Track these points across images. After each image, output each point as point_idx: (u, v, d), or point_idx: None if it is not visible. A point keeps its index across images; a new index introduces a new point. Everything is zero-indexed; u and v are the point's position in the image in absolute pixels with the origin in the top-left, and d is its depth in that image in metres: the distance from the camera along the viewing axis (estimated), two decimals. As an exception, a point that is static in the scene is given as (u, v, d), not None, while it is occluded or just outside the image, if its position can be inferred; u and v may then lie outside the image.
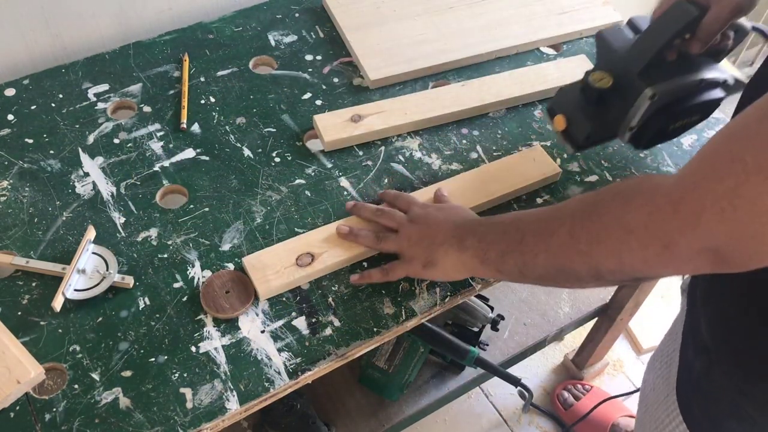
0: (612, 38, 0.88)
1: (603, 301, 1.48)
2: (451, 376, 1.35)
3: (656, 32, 0.82)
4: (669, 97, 0.83)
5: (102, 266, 0.83)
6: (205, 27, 1.15)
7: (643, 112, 0.83)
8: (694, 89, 0.86)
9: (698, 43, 0.82)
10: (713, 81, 0.86)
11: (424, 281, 0.86)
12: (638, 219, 0.59)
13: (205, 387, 0.76)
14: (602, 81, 0.84)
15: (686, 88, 0.85)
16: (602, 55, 0.90)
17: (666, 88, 0.82)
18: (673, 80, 0.83)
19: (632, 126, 0.85)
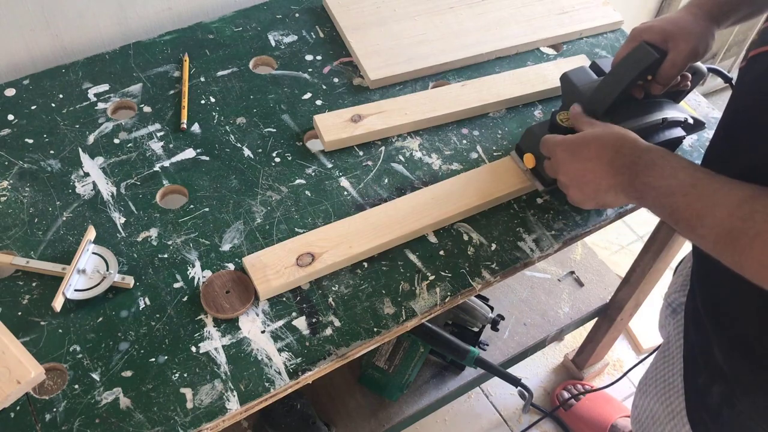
0: (576, 79, 0.92)
1: (603, 301, 1.48)
2: (451, 376, 1.35)
3: (619, 74, 0.85)
4: None
5: (102, 266, 0.83)
6: (205, 27, 1.15)
7: None
8: (657, 128, 0.90)
9: (658, 85, 0.86)
10: (674, 120, 0.90)
11: (424, 281, 0.86)
12: None
13: (206, 387, 0.76)
14: (569, 120, 0.88)
15: (649, 127, 0.88)
16: (568, 96, 0.93)
17: (629, 127, 0.82)
18: (636, 120, 0.87)
19: None
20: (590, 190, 0.78)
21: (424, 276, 0.87)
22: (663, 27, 0.85)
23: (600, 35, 1.21)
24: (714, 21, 0.85)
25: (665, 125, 0.90)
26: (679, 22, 0.85)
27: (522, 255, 0.90)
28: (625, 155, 0.74)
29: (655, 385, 0.93)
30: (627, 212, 0.97)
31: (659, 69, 0.85)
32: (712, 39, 0.86)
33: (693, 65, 0.90)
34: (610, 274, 1.54)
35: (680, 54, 0.83)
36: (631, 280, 1.36)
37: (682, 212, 0.67)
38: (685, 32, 0.84)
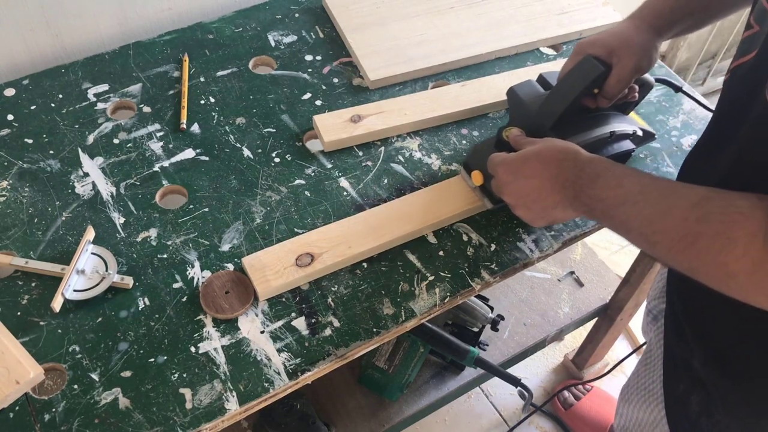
0: (523, 94, 0.91)
1: (603, 301, 1.48)
2: (451, 376, 1.35)
3: (565, 88, 0.85)
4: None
5: (101, 267, 0.83)
6: (205, 27, 1.15)
7: None
8: (605, 142, 0.89)
9: (605, 99, 0.86)
10: (623, 133, 0.90)
11: (424, 281, 0.86)
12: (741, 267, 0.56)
13: (205, 387, 0.76)
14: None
15: (597, 141, 0.87)
16: (515, 111, 0.92)
17: (577, 141, 0.82)
18: (584, 134, 0.86)
19: None
20: (538, 208, 0.77)
21: (423, 276, 0.87)
22: (607, 41, 0.84)
23: (600, 35, 1.21)
24: (657, 33, 0.85)
25: (614, 138, 0.89)
26: (623, 35, 0.84)
27: (521, 255, 0.90)
28: (567, 169, 0.72)
29: (637, 393, 0.92)
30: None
31: (605, 83, 0.85)
32: (655, 51, 0.86)
33: (640, 77, 0.89)
34: (610, 274, 1.54)
35: (625, 68, 0.83)
36: (631, 280, 1.36)
37: (632, 221, 0.65)
38: (629, 46, 0.83)
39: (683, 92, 1.06)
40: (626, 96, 0.90)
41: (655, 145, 1.03)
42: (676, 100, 1.11)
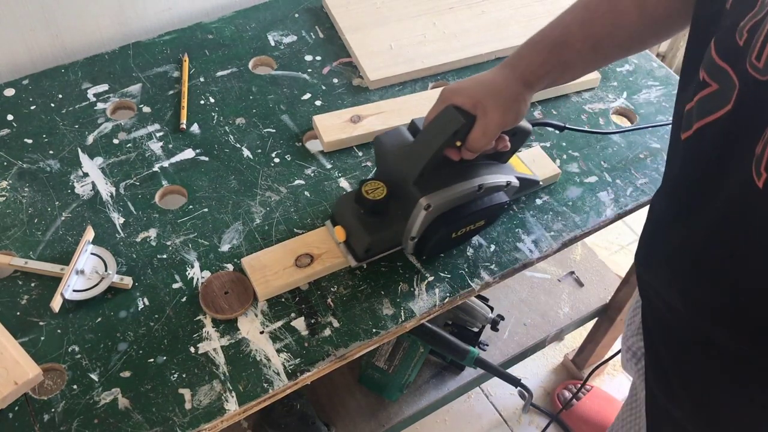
0: (389, 143, 0.84)
1: (603, 301, 1.48)
2: (451, 376, 1.35)
3: (426, 140, 0.79)
4: (446, 206, 0.81)
5: (101, 267, 0.83)
6: (205, 27, 1.15)
7: (421, 222, 0.81)
8: (474, 196, 0.83)
9: (469, 151, 0.79)
10: (493, 186, 0.84)
11: (423, 281, 0.86)
12: None
13: (204, 388, 0.76)
14: (376, 192, 0.80)
15: (464, 195, 0.82)
16: (380, 162, 0.86)
17: (441, 197, 0.79)
18: (449, 188, 0.80)
19: (413, 236, 0.83)
20: None
21: (422, 277, 0.87)
22: (473, 91, 0.77)
23: (600, 35, 1.21)
24: (527, 86, 0.78)
25: (484, 192, 0.83)
26: (491, 85, 0.77)
27: (521, 256, 0.90)
28: None
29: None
30: (626, 213, 0.97)
31: (468, 136, 0.77)
32: (524, 104, 0.78)
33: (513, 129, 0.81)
34: (610, 275, 1.54)
35: (489, 122, 0.76)
36: (631, 280, 1.36)
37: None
38: (496, 98, 0.76)
39: (568, 129, 1.00)
40: (495, 147, 0.81)
41: (655, 146, 1.03)
42: (676, 100, 1.11)
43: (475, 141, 0.77)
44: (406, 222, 0.82)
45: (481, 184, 0.82)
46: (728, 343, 0.63)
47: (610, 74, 1.14)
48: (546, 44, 0.78)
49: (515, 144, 0.85)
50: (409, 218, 0.81)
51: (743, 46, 0.51)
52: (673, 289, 0.68)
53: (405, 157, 0.81)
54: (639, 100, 1.10)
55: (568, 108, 1.08)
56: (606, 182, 0.99)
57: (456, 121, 0.75)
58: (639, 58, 1.17)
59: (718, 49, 0.55)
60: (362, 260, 0.86)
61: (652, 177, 0.99)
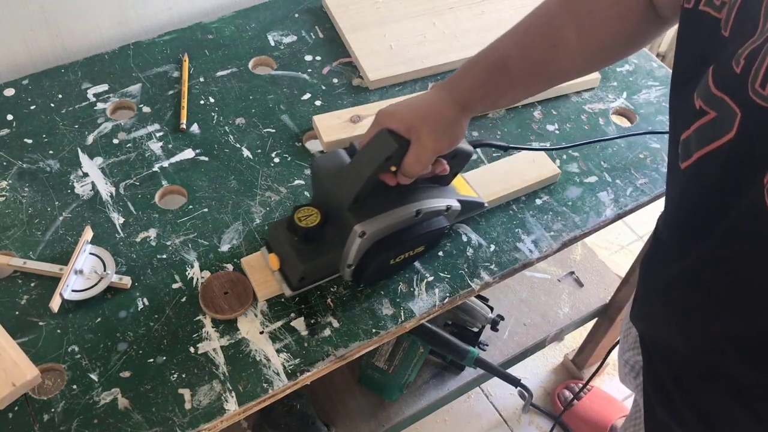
0: (326, 166, 0.80)
1: (603, 301, 1.48)
2: (451, 376, 1.35)
3: (359, 165, 0.75)
4: (382, 233, 0.78)
5: (99, 267, 0.83)
6: (205, 27, 1.15)
7: (357, 250, 0.78)
8: (412, 221, 0.80)
9: (405, 176, 0.76)
10: (432, 211, 0.81)
11: (423, 281, 0.86)
12: None
13: (204, 388, 0.76)
14: (309, 219, 0.77)
15: (401, 221, 0.79)
16: (316, 186, 0.83)
17: (377, 224, 0.77)
18: (385, 215, 0.78)
19: (349, 264, 0.80)
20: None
21: (422, 277, 0.87)
22: (407, 115, 0.74)
23: (600, 35, 1.21)
24: (463, 109, 0.75)
25: (422, 217, 0.80)
26: (426, 109, 0.74)
27: (521, 256, 0.90)
28: None
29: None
30: (626, 213, 0.97)
31: (402, 161, 0.74)
32: (460, 128, 0.76)
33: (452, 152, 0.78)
34: (610, 275, 1.54)
35: (423, 147, 0.73)
36: (631, 280, 1.36)
37: None
38: (430, 122, 0.73)
39: (512, 148, 0.95)
40: (433, 171, 0.79)
41: (655, 146, 1.03)
42: (676, 100, 1.11)
43: (409, 166, 0.74)
44: (342, 249, 0.79)
45: (419, 209, 0.79)
46: (734, 368, 0.62)
47: (610, 74, 1.14)
48: (484, 67, 0.76)
49: (456, 166, 0.82)
50: (345, 245, 0.78)
51: (741, 73, 0.50)
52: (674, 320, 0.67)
53: (340, 182, 0.77)
54: (639, 100, 1.10)
55: (568, 108, 1.08)
56: (606, 182, 0.99)
57: (388, 146, 0.72)
58: (639, 58, 1.17)
59: (716, 79, 0.53)
60: (297, 289, 0.82)
61: (652, 177, 0.99)
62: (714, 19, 0.56)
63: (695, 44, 0.60)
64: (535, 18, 0.77)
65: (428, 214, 0.81)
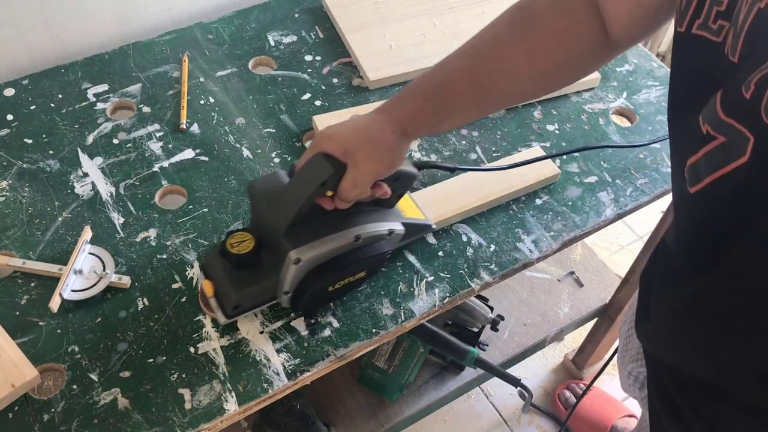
0: (263, 189, 0.77)
1: (603, 301, 1.48)
2: (451, 377, 1.35)
3: (294, 190, 0.73)
4: (319, 259, 0.75)
5: (99, 267, 0.83)
6: (205, 27, 1.15)
7: (293, 277, 0.75)
8: (351, 247, 0.78)
9: (342, 201, 0.74)
10: (373, 235, 0.79)
11: (423, 281, 0.86)
12: None
13: (204, 388, 0.76)
14: (242, 245, 0.75)
15: (339, 247, 0.76)
16: (253, 209, 0.80)
17: (313, 250, 0.74)
18: (322, 240, 0.75)
19: (286, 291, 0.77)
20: None
21: (422, 277, 0.87)
22: (345, 138, 0.71)
23: (600, 35, 1.21)
24: (403, 133, 0.73)
25: (362, 242, 0.78)
26: (364, 132, 0.72)
27: (521, 256, 0.90)
28: None
29: None
30: (626, 213, 0.97)
31: (338, 186, 0.72)
32: (398, 152, 0.73)
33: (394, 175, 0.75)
34: (610, 275, 1.54)
35: (360, 171, 0.70)
36: (631, 281, 1.36)
37: None
38: (368, 146, 0.70)
39: (460, 169, 0.92)
40: (373, 195, 0.75)
41: (655, 146, 1.03)
42: (676, 100, 1.11)
43: (345, 191, 0.72)
44: (278, 275, 0.76)
45: (358, 235, 0.77)
46: (753, 391, 0.61)
47: (610, 74, 1.14)
48: (426, 90, 0.74)
49: (399, 189, 0.80)
50: (281, 271, 0.75)
51: (751, 98, 0.48)
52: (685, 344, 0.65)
53: (276, 206, 0.75)
54: (639, 100, 1.10)
55: (568, 108, 1.08)
56: (606, 182, 0.99)
57: (323, 170, 0.70)
58: (639, 58, 1.17)
59: (724, 105, 0.51)
60: (232, 317, 0.79)
61: (652, 177, 0.99)
62: (712, 43, 0.54)
63: (693, 69, 0.58)
64: (482, 39, 0.75)
65: (368, 239, 0.78)
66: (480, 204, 0.92)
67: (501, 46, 0.73)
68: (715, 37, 0.54)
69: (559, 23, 0.71)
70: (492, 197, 0.93)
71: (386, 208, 0.82)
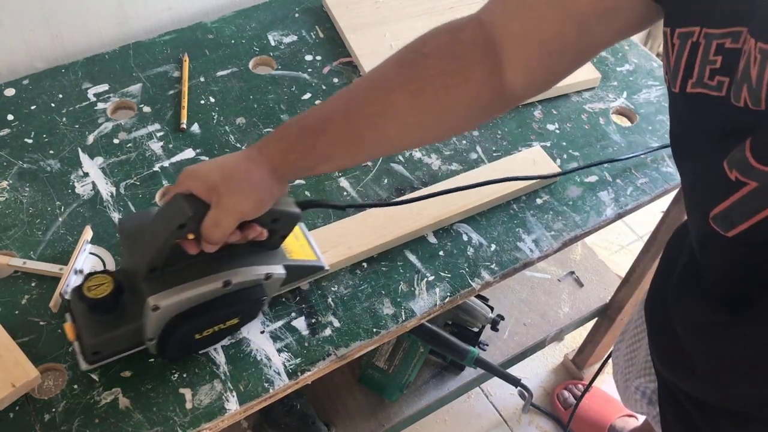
0: (129, 229, 0.74)
1: (603, 301, 1.48)
2: (451, 376, 1.35)
3: (152, 233, 0.68)
4: (183, 306, 0.70)
5: (100, 266, 0.83)
6: (205, 27, 1.15)
7: (154, 324, 0.70)
8: (220, 292, 0.72)
9: (208, 245, 0.68)
10: (246, 280, 0.73)
11: (423, 279, 0.86)
12: None
13: (205, 387, 0.75)
14: (100, 288, 0.70)
15: (205, 293, 0.71)
16: (124, 249, 0.76)
17: (174, 297, 0.69)
18: (185, 286, 0.70)
19: (149, 337, 0.72)
20: None
21: (423, 276, 0.87)
22: (210, 175, 0.66)
23: (600, 35, 1.21)
24: (274, 171, 0.68)
25: (232, 287, 0.72)
26: (231, 169, 0.67)
27: (521, 255, 0.90)
28: None
29: None
30: (627, 212, 0.97)
31: (201, 227, 0.66)
32: (268, 192, 0.68)
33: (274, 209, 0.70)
34: (610, 274, 1.54)
35: (223, 211, 0.65)
36: (631, 280, 1.36)
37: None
38: (233, 184, 0.65)
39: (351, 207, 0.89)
40: (246, 237, 0.70)
41: (655, 145, 1.03)
42: (676, 100, 1.11)
43: (208, 231, 0.66)
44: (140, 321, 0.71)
45: (228, 280, 0.71)
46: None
47: (610, 74, 1.14)
48: (299, 129, 0.69)
49: (281, 230, 0.74)
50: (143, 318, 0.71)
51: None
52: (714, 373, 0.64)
53: (137, 249, 0.71)
54: (639, 100, 1.10)
55: (568, 108, 1.08)
56: (606, 182, 0.99)
57: (181, 213, 0.65)
58: (639, 58, 1.17)
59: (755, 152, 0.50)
60: (93, 363, 0.73)
61: (652, 177, 0.99)
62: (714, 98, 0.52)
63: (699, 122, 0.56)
64: (368, 79, 0.72)
65: (240, 284, 0.73)
66: (481, 203, 0.92)
67: (385, 88, 0.69)
68: (716, 92, 0.52)
69: (447, 66, 0.67)
70: (493, 196, 0.93)
71: (268, 249, 0.77)
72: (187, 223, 0.65)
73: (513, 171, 0.95)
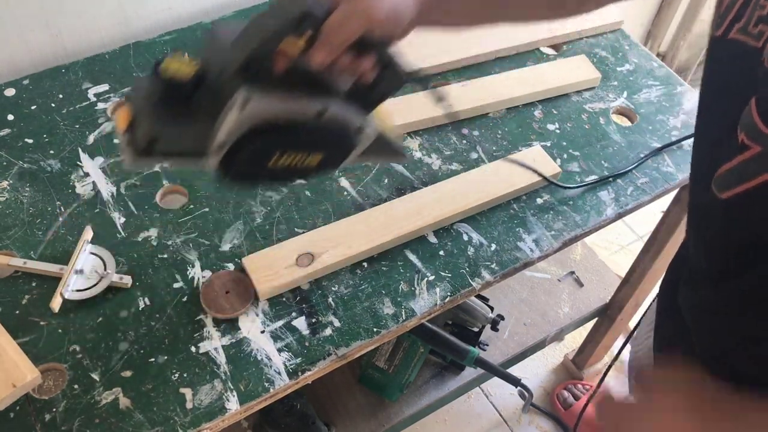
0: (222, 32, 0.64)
1: (603, 301, 1.48)
2: (451, 376, 1.35)
3: (266, 19, 0.59)
4: (270, 114, 0.62)
5: (100, 266, 0.83)
6: (205, 27, 1.15)
7: (234, 123, 0.61)
8: (311, 119, 0.64)
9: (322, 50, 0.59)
10: (340, 120, 0.65)
11: (423, 279, 0.86)
12: None
13: (205, 387, 0.76)
14: (179, 70, 0.60)
15: (297, 113, 0.63)
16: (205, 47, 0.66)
17: (267, 97, 0.60)
18: (279, 92, 0.61)
19: (220, 142, 0.62)
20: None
21: (423, 276, 0.87)
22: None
23: (600, 35, 1.21)
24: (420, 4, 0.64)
25: (325, 121, 0.64)
26: None
27: (522, 255, 0.90)
28: None
29: None
30: (627, 212, 0.97)
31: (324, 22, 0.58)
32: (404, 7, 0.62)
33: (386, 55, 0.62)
34: (610, 274, 1.54)
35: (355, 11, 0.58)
36: (631, 280, 1.36)
37: None
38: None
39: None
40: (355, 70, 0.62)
41: (656, 145, 1.03)
42: (676, 99, 1.11)
43: (330, 31, 0.58)
44: (214, 123, 0.62)
45: (323, 109, 0.63)
46: None
47: (610, 74, 1.14)
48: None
49: (384, 85, 0.66)
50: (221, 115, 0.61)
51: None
52: None
53: (233, 42, 0.61)
54: (639, 100, 1.10)
55: (569, 107, 1.08)
56: (606, 181, 0.99)
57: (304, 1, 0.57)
58: (639, 58, 1.17)
59: (762, 113, 0.49)
60: (142, 155, 0.62)
61: (653, 176, 0.99)
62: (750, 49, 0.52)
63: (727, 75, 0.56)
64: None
65: (333, 121, 0.64)
66: (481, 203, 0.92)
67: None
68: (754, 41, 0.52)
69: None
70: (494, 196, 0.93)
71: (362, 107, 0.68)
72: (311, 13, 0.57)
73: (513, 170, 0.96)
